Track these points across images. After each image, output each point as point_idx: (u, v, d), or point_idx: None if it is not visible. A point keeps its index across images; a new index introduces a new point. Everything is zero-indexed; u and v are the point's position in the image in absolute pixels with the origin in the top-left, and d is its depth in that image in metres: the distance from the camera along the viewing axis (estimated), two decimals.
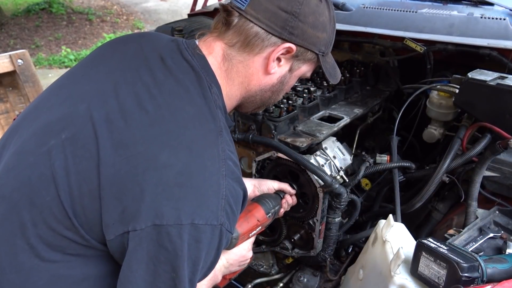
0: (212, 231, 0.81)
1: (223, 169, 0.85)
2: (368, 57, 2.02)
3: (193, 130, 0.85)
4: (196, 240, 0.80)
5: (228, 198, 0.84)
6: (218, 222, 0.81)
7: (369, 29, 1.75)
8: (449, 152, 1.35)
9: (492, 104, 1.29)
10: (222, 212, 0.82)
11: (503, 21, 1.55)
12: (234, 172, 0.89)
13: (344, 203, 1.36)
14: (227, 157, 0.87)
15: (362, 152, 1.59)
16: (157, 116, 0.85)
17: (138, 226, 0.78)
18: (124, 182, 0.79)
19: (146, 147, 0.81)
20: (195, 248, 0.80)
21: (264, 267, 1.72)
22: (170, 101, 0.87)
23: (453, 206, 1.53)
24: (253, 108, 1.14)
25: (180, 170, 0.80)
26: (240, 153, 1.54)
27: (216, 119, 0.90)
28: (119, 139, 0.82)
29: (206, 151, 0.84)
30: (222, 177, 0.84)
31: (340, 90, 1.68)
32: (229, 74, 1.01)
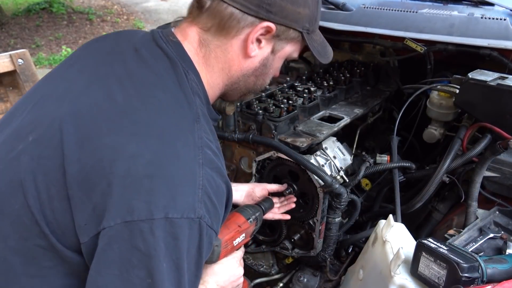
0: (189, 226, 0.73)
1: (199, 157, 0.78)
2: (369, 57, 2.02)
3: (165, 118, 0.79)
4: (174, 237, 0.72)
5: (206, 189, 0.77)
6: (196, 215, 0.74)
7: (369, 29, 1.75)
8: (449, 152, 1.35)
9: (492, 104, 1.29)
10: (199, 204, 0.75)
11: (503, 22, 1.55)
12: (213, 161, 0.81)
13: (344, 203, 1.36)
14: (204, 145, 0.80)
15: (362, 152, 1.59)
16: (126, 105, 0.79)
17: (107, 223, 0.71)
18: (90, 177, 0.73)
19: (112, 138, 0.75)
20: (174, 246, 0.72)
21: (264, 267, 1.72)
22: (142, 89, 0.82)
23: (453, 206, 1.53)
24: (239, 95, 1.07)
25: (150, 160, 0.73)
26: (240, 153, 1.54)
27: (192, 105, 0.84)
28: (85, 133, 0.77)
29: (179, 138, 0.78)
30: (198, 165, 0.77)
31: (340, 90, 1.68)
32: (208, 61, 0.94)
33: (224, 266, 1.06)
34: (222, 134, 1.44)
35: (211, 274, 1.03)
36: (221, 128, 1.47)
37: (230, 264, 1.08)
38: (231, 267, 1.08)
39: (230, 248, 1.09)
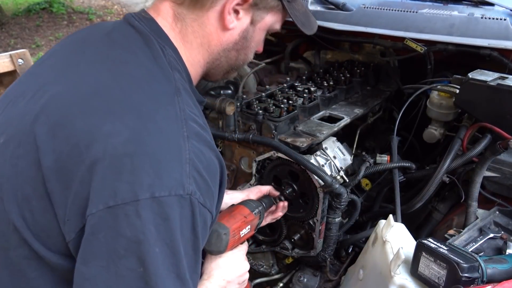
0: (180, 204, 0.67)
1: (183, 129, 0.72)
2: (369, 57, 2.02)
3: (141, 93, 0.74)
4: (164, 217, 0.66)
5: (195, 163, 0.70)
6: (186, 191, 0.67)
7: (369, 29, 1.75)
8: (449, 153, 1.35)
9: (492, 104, 1.29)
10: (188, 179, 0.68)
11: (503, 22, 1.55)
12: (200, 134, 0.75)
13: (344, 203, 1.36)
14: (188, 117, 0.74)
15: (362, 152, 1.59)
16: (98, 86, 0.74)
17: (89, 211, 0.65)
18: (68, 166, 0.68)
19: (85, 121, 0.70)
20: (165, 228, 0.66)
21: (264, 267, 1.72)
22: (114, 69, 0.78)
23: (453, 206, 1.53)
24: (222, 73, 1.01)
25: (128, 138, 0.67)
26: (240, 153, 1.54)
27: (170, 79, 0.79)
28: (56, 121, 0.71)
29: (159, 112, 0.72)
30: (183, 138, 0.71)
31: (340, 90, 1.68)
32: (185, 36, 0.89)
33: (231, 260, 1.02)
34: (222, 134, 1.44)
35: (216, 268, 0.99)
36: (221, 128, 1.47)
37: (236, 257, 1.04)
38: (238, 261, 1.04)
39: (237, 238, 1.06)
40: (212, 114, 1.51)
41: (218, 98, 1.39)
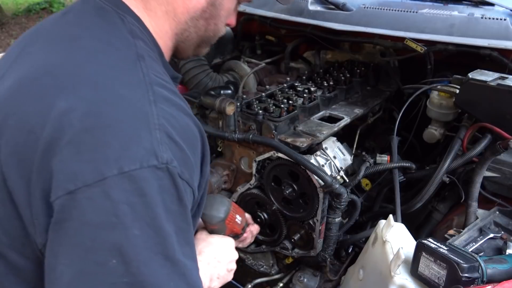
0: (156, 176, 0.58)
1: (149, 94, 0.63)
2: (369, 57, 2.02)
3: (96, 64, 0.66)
4: (139, 194, 0.57)
5: (166, 128, 0.61)
6: (160, 160, 0.58)
7: (369, 29, 1.75)
8: (450, 153, 1.35)
9: (492, 104, 1.29)
10: (161, 146, 0.60)
11: (503, 22, 1.55)
12: (170, 99, 0.67)
13: (344, 203, 1.36)
14: (154, 82, 0.66)
15: (363, 152, 1.59)
16: (48, 67, 0.67)
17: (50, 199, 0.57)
18: (25, 156, 0.60)
19: (37, 102, 0.63)
20: (143, 206, 0.57)
21: (264, 267, 1.72)
22: (66, 47, 0.70)
23: (454, 206, 1.53)
24: (193, 47, 0.91)
25: (85, 111, 0.59)
26: (240, 153, 1.54)
27: (131, 47, 0.70)
28: (7, 111, 0.65)
29: (118, 79, 0.64)
30: (149, 102, 0.62)
31: (340, 90, 1.68)
32: (147, 4, 0.80)
33: (222, 242, 0.97)
34: (222, 134, 1.44)
35: (208, 245, 0.93)
36: (221, 128, 1.47)
37: (228, 242, 0.99)
38: (230, 245, 0.99)
39: (233, 223, 1.03)
40: (212, 114, 1.51)
41: (218, 98, 1.39)
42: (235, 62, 2.08)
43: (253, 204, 1.55)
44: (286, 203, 1.46)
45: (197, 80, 1.90)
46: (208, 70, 1.93)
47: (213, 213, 0.99)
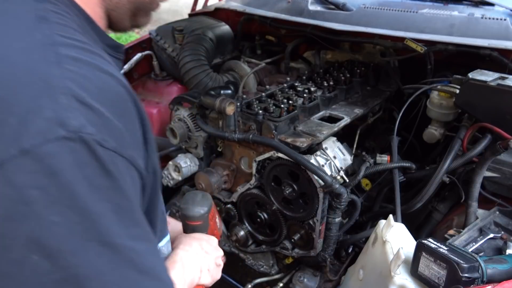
0: (66, 147, 0.47)
1: (49, 55, 0.51)
2: (369, 57, 2.03)
3: None
4: (49, 173, 0.46)
5: (74, 91, 0.49)
6: (69, 129, 0.47)
7: (369, 29, 1.75)
8: (450, 153, 1.35)
9: (492, 104, 1.29)
10: (68, 113, 0.48)
11: (503, 22, 1.55)
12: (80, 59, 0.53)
13: (345, 203, 1.36)
14: (57, 43, 0.53)
15: (363, 153, 1.60)
16: None
17: None
18: None
19: None
20: (57, 187, 0.46)
21: (264, 267, 1.72)
22: None
23: (453, 206, 1.54)
24: (128, 16, 0.76)
25: None
26: (240, 153, 1.54)
27: (29, 10, 0.56)
28: None
29: (11, 44, 0.52)
30: (48, 64, 0.50)
31: (340, 90, 1.69)
32: None
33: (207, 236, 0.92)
34: (222, 134, 1.44)
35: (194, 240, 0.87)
36: (221, 128, 1.48)
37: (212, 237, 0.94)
38: (214, 240, 0.93)
39: (213, 223, 0.99)
40: (212, 114, 1.51)
41: (218, 98, 1.40)
42: (235, 62, 2.08)
43: (253, 204, 1.55)
44: (286, 203, 1.46)
45: (197, 80, 1.90)
46: (208, 70, 1.93)
47: (197, 207, 0.95)
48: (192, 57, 1.90)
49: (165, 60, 2.23)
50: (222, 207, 1.67)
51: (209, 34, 2.06)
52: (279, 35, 2.26)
